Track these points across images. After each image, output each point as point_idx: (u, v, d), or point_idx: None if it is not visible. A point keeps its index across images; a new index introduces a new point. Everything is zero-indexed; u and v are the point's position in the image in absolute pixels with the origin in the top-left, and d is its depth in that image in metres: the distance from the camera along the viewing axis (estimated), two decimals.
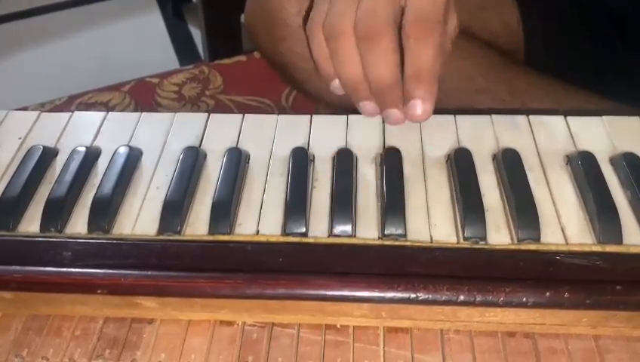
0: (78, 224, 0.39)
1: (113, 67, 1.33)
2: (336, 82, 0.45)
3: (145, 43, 1.51)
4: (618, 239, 0.36)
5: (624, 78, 0.64)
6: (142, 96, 0.98)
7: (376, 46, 0.41)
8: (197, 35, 1.50)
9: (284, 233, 0.37)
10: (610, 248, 0.36)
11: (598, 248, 0.36)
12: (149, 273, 0.35)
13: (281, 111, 0.83)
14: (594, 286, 0.34)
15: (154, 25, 1.57)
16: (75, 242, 0.37)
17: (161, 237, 0.38)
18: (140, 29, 1.56)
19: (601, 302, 0.33)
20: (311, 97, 0.63)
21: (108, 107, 0.99)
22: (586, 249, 0.36)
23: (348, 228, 0.37)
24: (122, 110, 0.97)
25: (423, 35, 0.40)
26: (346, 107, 0.62)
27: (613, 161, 0.41)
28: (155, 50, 1.48)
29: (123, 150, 0.43)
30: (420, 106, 0.41)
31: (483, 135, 0.44)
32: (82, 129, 0.46)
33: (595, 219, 0.37)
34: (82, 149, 0.43)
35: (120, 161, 0.42)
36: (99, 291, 0.34)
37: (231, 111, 0.91)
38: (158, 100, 0.97)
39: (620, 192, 0.39)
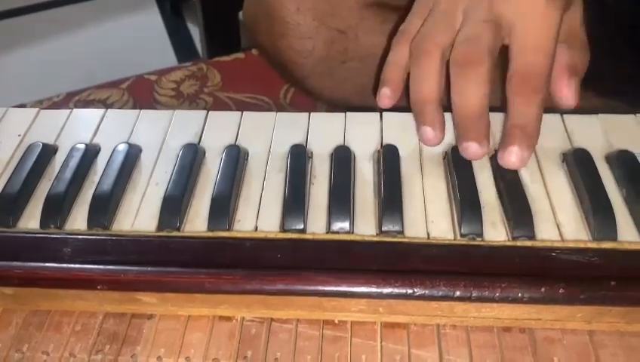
0: (78, 220, 0.39)
1: (111, 64, 1.33)
2: (386, 90, 0.44)
3: (143, 40, 1.51)
4: (613, 236, 0.37)
5: (620, 77, 0.64)
6: (140, 93, 0.98)
7: (473, 72, 0.40)
8: (195, 32, 1.50)
9: (283, 229, 0.38)
10: (606, 245, 0.36)
11: (593, 245, 0.36)
12: (149, 269, 0.35)
13: (280, 108, 0.83)
14: (589, 282, 0.34)
15: (152, 22, 1.57)
16: (74, 238, 0.37)
17: (161, 234, 0.38)
18: (138, 26, 1.56)
19: (596, 297, 0.34)
20: (309, 94, 0.63)
21: (106, 104, 0.98)
22: (582, 245, 0.36)
23: (346, 224, 0.38)
24: (121, 107, 0.97)
25: (530, 94, 0.40)
26: (345, 104, 0.63)
27: (609, 159, 0.42)
28: (153, 47, 1.48)
29: (122, 147, 0.43)
30: (517, 154, 0.39)
31: None
32: (81, 126, 0.46)
33: (590, 216, 0.37)
34: (81, 146, 0.43)
35: (119, 158, 0.42)
36: (99, 287, 0.35)
37: (229, 109, 0.91)
38: (157, 97, 0.97)
39: (615, 189, 0.40)
